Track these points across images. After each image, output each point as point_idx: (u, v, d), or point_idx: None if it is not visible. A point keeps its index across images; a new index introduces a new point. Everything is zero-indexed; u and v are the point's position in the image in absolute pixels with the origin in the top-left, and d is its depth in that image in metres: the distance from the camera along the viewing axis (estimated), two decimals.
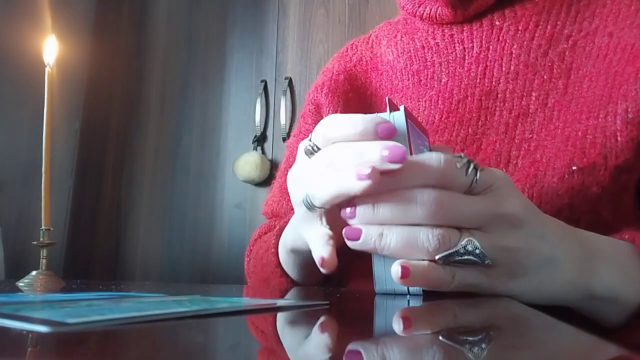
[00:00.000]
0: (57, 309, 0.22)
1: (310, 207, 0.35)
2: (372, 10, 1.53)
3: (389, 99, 0.36)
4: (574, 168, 0.43)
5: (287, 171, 0.65)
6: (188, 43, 1.71)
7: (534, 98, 0.49)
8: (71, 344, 0.16)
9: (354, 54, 0.65)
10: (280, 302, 0.29)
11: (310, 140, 0.37)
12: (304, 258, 0.45)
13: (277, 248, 0.52)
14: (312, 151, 0.36)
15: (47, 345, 0.16)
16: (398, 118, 0.34)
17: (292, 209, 0.41)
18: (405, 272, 0.32)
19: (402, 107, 0.35)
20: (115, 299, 0.28)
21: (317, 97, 0.61)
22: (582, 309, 0.37)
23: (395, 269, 0.32)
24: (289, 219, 0.53)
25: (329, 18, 1.56)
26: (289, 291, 0.43)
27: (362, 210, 0.33)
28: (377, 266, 0.35)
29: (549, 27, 0.51)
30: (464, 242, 0.32)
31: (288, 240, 0.49)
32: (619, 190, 0.44)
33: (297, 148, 0.61)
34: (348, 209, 0.33)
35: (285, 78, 1.56)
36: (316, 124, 0.60)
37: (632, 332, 0.38)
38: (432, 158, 0.32)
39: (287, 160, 0.66)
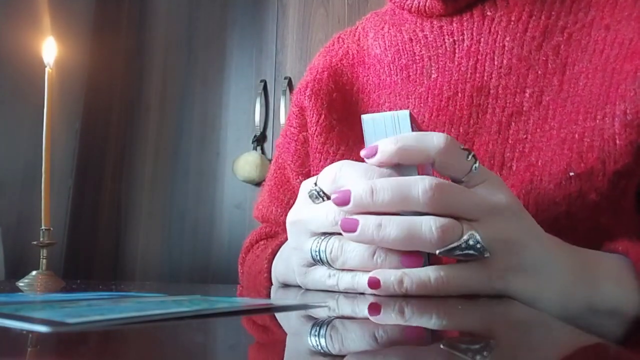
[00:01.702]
0: (57, 309, 0.22)
1: (324, 264, 0.34)
2: (371, 10, 1.52)
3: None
4: (571, 174, 0.41)
5: (276, 173, 0.64)
6: (188, 43, 1.71)
7: (527, 95, 0.46)
8: (71, 344, 0.16)
9: (340, 48, 0.62)
10: (281, 302, 0.29)
11: (315, 184, 0.35)
12: None
13: (269, 273, 0.52)
14: (317, 195, 0.35)
15: (47, 345, 0.16)
16: (402, 119, 0.34)
17: (282, 214, 0.40)
18: (374, 283, 0.30)
19: (407, 111, 0.34)
20: (115, 299, 0.28)
21: (300, 99, 0.58)
22: (583, 323, 0.36)
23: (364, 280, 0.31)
24: (282, 242, 0.53)
25: (328, 18, 1.56)
26: (290, 291, 0.43)
27: (358, 196, 0.31)
28: None
29: (542, 17, 0.48)
30: (466, 237, 0.30)
31: (279, 273, 0.48)
32: (618, 195, 0.42)
33: (285, 149, 0.61)
34: (339, 194, 0.32)
35: (285, 78, 1.56)
36: (301, 127, 0.59)
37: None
38: (436, 135, 0.32)
39: (275, 161, 0.64)
